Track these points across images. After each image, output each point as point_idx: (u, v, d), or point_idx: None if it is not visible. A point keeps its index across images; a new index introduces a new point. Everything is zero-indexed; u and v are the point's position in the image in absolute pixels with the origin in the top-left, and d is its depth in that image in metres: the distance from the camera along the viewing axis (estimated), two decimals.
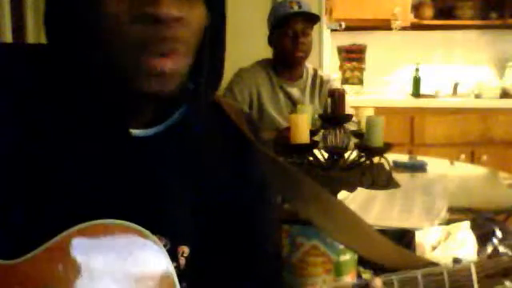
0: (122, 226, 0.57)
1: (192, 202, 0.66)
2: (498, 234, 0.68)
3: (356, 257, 1.00)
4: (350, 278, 1.02)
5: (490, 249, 0.67)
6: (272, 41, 2.23)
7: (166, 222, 0.63)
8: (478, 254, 0.87)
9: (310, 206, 0.72)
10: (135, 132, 0.63)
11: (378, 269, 0.72)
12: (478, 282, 0.65)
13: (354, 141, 1.67)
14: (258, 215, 0.73)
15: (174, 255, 0.63)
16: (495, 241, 0.67)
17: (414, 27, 3.63)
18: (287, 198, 0.76)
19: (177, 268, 0.62)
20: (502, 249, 0.67)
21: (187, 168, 0.67)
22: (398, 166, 1.87)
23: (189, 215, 0.66)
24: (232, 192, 0.70)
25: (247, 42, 2.60)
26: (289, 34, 2.15)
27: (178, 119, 0.66)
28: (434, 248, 1.16)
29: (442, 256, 1.17)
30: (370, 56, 3.81)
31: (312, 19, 2.22)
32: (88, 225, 0.56)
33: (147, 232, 0.58)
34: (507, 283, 0.66)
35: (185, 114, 0.67)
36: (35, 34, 2.90)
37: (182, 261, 0.65)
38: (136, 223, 0.58)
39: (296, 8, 2.14)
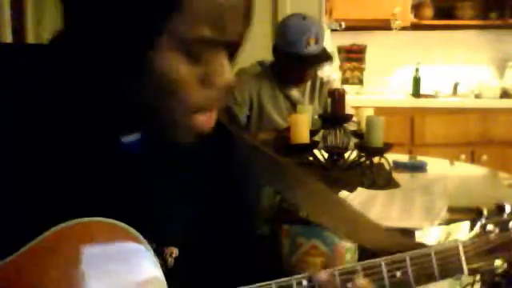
0: (107, 224, 0.57)
1: (179, 202, 0.67)
2: (485, 212, 0.68)
3: (356, 257, 1.01)
4: None
5: (477, 227, 0.67)
6: (277, 55, 2.18)
7: (153, 224, 0.63)
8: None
9: (295, 191, 0.72)
10: (123, 139, 0.63)
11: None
12: (467, 260, 0.65)
13: (354, 141, 1.67)
14: (246, 213, 0.74)
15: (161, 256, 0.63)
16: (483, 219, 0.67)
17: (414, 27, 3.63)
18: (272, 184, 0.76)
19: (164, 267, 0.62)
20: (489, 227, 0.67)
21: (173, 169, 0.67)
22: (398, 166, 1.87)
23: (176, 216, 0.66)
24: (219, 190, 0.70)
25: (247, 41, 2.60)
26: (297, 66, 2.13)
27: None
28: None
29: None
30: (370, 56, 3.81)
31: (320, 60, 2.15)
32: (72, 223, 0.56)
33: (133, 230, 0.57)
34: (496, 261, 0.66)
35: None
36: (35, 34, 2.90)
37: (171, 261, 0.65)
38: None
39: (313, 44, 2.05)
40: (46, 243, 0.55)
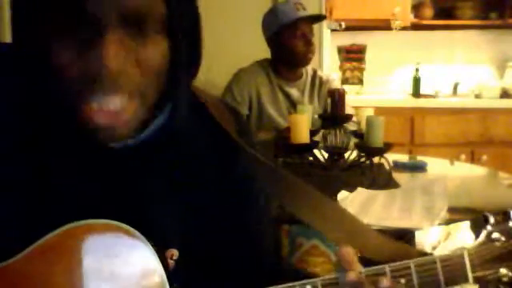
0: (109, 225, 0.57)
1: (179, 205, 0.66)
2: (492, 220, 0.67)
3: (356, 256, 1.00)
4: None
5: (483, 235, 0.67)
6: (276, 42, 2.22)
7: (153, 227, 0.62)
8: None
9: (299, 204, 0.72)
10: (115, 144, 0.62)
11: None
12: (472, 269, 0.65)
13: (354, 141, 1.67)
14: (245, 216, 0.73)
15: (161, 258, 0.63)
16: (489, 227, 0.67)
17: (414, 27, 3.63)
18: (276, 196, 0.76)
19: (166, 270, 0.62)
20: (495, 235, 0.67)
21: (172, 172, 0.66)
22: (398, 166, 1.87)
23: (176, 218, 0.66)
24: (218, 193, 0.70)
25: (247, 42, 2.60)
26: (298, 36, 2.16)
27: (159, 126, 0.65)
28: (434, 248, 1.16)
29: None
30: (370, 56, 3.81)
31: (315, 20, 2.25)
32: (74, 225, 0.56)
33: (135, 231, 0.57)
34: (501, 269, 0.66)
35: (165, 121, 0.65)
36: None
37: (172, 263, 0.65)
38: None
39: (301, 9, 2.16)
40: (47, 246, 0.55)
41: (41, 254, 0.55)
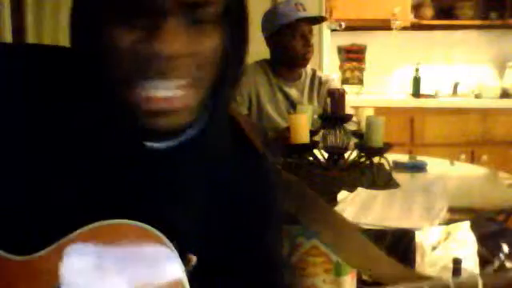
0: (133, 226, 0.57)
1: (203, 212, 0.66)
2: (505, 248, 0.67)
3: None
4: (349, 278, 1.02)
5: (496, 264, 0.67)
6: (275, 42, 2.22)
7: (176, 231, 0.62)
8: (485, 269, 0.85)
9: (320, 225, 0.72)
10: (150, 144, 0.62)
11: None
12: None
13: (354, 141, 1.67)
14: (267, 228, 0.73)
15: (182, 262, 0.63)
16: (502, 256, 0.67)
17: (414, 27, 3.63)
18: (297, 213, 0.76)
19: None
20: (508, 264, 0.67)
21: (200, 180, 0.66)
22: (398, 166, 1.87)
23: (199, 225, 0.66)
24: (242, 204, 0.70)
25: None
26: (298, 36, 2.16)
27: (195, 133, 0.65)
28: (434, 248, 1.16)
29: (442, 256, 1.17)
30: (370, 56, 3.81)
31: (315, 21, 2.25)
32: (99, 225, 0.56)
33: (159, 233, 0.57)
34: None
35: (202, 128, 0.65)
36: (35, 34, 2.90)
37: (190, 265, 0.65)
38: None
39: (301, 10, 2.15)
40: (72, 244, 0.55)
41: (62, 252, 0.55)
